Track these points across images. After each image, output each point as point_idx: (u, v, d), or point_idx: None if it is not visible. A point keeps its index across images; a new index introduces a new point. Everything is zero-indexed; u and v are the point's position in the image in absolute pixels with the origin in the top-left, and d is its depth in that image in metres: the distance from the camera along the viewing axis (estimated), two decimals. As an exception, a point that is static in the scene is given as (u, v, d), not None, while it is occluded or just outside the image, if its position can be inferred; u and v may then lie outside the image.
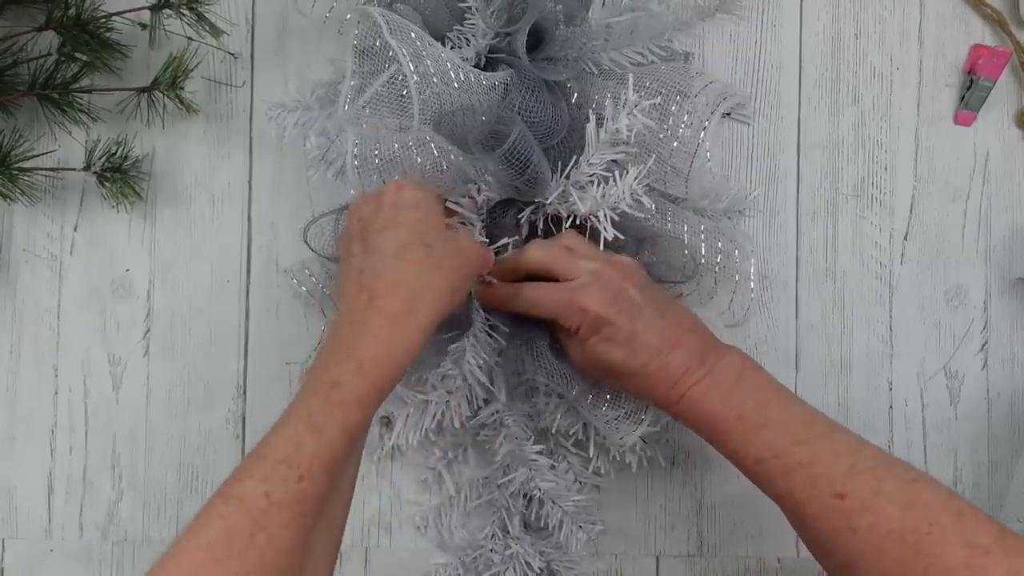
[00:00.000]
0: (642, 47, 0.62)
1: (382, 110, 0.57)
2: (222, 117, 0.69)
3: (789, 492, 0.49)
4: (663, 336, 0.53)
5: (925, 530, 0.45)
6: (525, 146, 0.54)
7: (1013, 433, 0.69)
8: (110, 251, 0.69)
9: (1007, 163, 0.70)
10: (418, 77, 0.55)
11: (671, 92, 0.59)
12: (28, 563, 0.68)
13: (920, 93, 0.70)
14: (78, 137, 0.68)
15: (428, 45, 0.56)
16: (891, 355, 0.69)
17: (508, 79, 0.59)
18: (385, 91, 0.56)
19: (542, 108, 0.58)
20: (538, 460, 0.62)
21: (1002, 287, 0.70)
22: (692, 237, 0.62)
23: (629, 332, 0.53)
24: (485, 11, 0.59)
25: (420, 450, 0.67)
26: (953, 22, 0.70)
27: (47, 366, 0.69)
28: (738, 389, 0.53)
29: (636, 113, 0.55)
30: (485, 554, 0.65)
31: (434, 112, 0.56)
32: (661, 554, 0.69)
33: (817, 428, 0.51)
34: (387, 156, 0.57)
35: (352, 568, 0.68)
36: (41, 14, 0.64)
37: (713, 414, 0.52)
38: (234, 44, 0.68)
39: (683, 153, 0.60)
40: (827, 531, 0.48)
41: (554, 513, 0.63)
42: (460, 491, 0.67)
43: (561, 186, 0.57)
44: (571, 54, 0.61)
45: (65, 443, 0.68)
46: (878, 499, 0.47)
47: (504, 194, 0.58)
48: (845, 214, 0.69)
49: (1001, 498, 0.69)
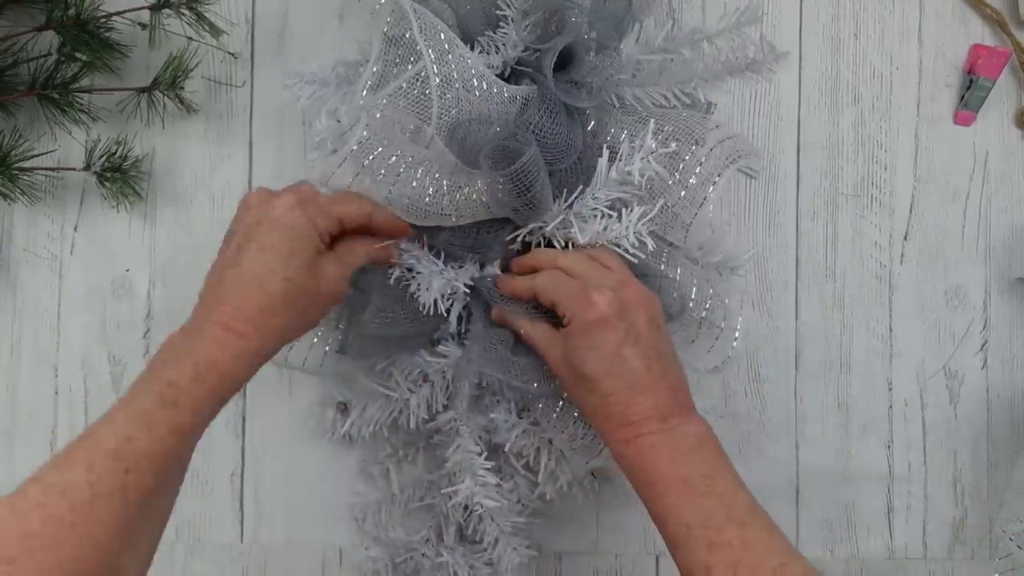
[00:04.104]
0: (667, 89, 0.61)
1: (400, 105, 0.56)
2: (222, 117, 0.69)
3: (706, 568, 0.47)
4: (644, 374, 0.52)
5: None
6: (534, 167, 0.54)
7: (1013, 433, 0.69)
8: (110, 251, 0.69)
9: (1007, 163, 0.70)
10: (440, 79, 0.55)
11: (687, 141, 0.59)
12: (28, 563, 0.68)
13: (920, 93, 0.70)
14: (78, 137, 0.68)
15: (455, 47, 0.56)
16: (891, 355, 0.69)
17: (529, 95, 0.58)
18: (407, 88, 0.55)
19: (557, 130, 0.57)
20: (486, 476, 0.60)
21: (1002, 287, 0.70)
22: (684, 280, 0.61)
23: (617, 350, 0.52)
24: (520, 23, 0.58)
25: (371, 442, 0.67)
26: (953, 22, 0.70)
27: (47, 366, 0.69)
28: (692, 455, 0.51)
29: (651, 160, 0.55)
30: (416, 557, 0.65)
31: (452, 117, 0.56)
32: (661, 554, 0.69)
33: (759, 519, 0.49)
34: (382, 157, 0.56)
35: (352, 568, 0.68)
36: (41, 14, 0.64)
37: (657, 468, 0.50)
38: (234, 44, 0.68)
39: (689, 203, 0.59)
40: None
41: (491, 530, 0.63)
42: (403, 490, 0.67)
43: (562, 214, 0.57)
44: (596, 82, 0.60)
45: (65, 443, 0.68)
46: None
47: (500, 213, 0.58)
48: (845, 214, 0.69)
49: (1001, 498, 0.69)
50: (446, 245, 0.59)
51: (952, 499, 0.70)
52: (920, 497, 0.70)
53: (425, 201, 0.56)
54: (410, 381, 0.62)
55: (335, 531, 0.68)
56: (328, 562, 0.68)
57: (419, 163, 0.55)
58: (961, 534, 0.70)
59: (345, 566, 0.68)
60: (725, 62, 0.62)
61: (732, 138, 0.61)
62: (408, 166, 0.55)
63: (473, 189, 0.56)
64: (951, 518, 0.70)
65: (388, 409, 0.63)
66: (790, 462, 0.69)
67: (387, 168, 0.55)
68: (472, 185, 0.56)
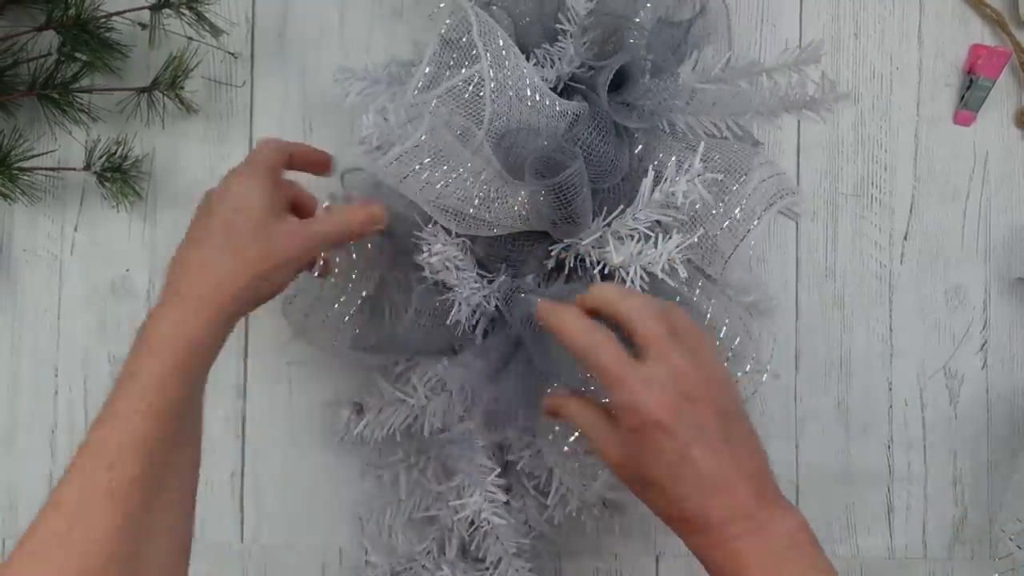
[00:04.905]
0: (720, 120, 0.60)
1: (451, 106, 0.56)
2: (222, 117, 0.69)
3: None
4: (716, 472, 0.46)
5: None
6: (577, 181, 0.53)
7: (1013, 433, 0.69)
8: (110, 251, 0.69)
9: (1007, 163, 0.70)
10: (495, 84, 0.55)
11: (735, 172, 0.58)
12: (28, 563, 0.68)
13: (920, 93, 0.70)
14: (78, 137, 0.68)
15: (512, 56, 0.56)
16: (891, 355, 0.69)
17: (580, 111, 0.57)
18: (459, 89, 0.55)
19: (605, 148, 0.57)
20: (496, 493, 0.60)
21: (1002, 287, 0.70)
22: (717, 313, 0.59)
23: (681, 453, 0.45)
24: (579, 39, 0.58)
25: (384, 445, 0.66)
26: (953, 22, 0.70)
27: (47, 366, 0.69)
28: (785, 559, 0.46)
29: (697, 183, 0.53)
30: (416, 568, 0.64)
31: (502, 124, 0.56)
32: (661, 554, 0.69)
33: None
34: (433, 163, 0.55)
35: (352, 568, 0.68)
36: (41, 14, 0.64)
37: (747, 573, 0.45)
38: (234, 44, 0.68)
39: (730, 235, 0.59)
40: None
41: (496, 549, 0.61)
42: (411, 497, 0.65)
43: (599, 231, 0.56)
44: (649, 105, 0.59)
45: (65, 443, 0.68)
46: None
47: (538, 226, 0.57)
48: (845, 214, 0.69)
49: (1000, 498, 0.69)
50: (481, 255, 0.59)
51: (952, 499, 0.70)
52: (920, 497, 0.70)
53: (470, 212, 0.56)
54: (428, 388, 0.61)
55: (335, 531, 0.68)
56: (328, 562, 0.68)
57: (467, 171, 0.55)
58: (961, 534, 0.70)
59: (345, 566, 0.68)
60: (783, 97, 0.58)
61: (778, 175, 0.60)
62: (458, 175, 0.55)
63: (515, 200, 0.56)
64: (951, 518, 0.70)
65: (404, 414, 0.62)
66: (790, 462, 0.69)
67: (437, 175, 0.55)
68: (515, 196, 0.56)
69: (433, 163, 0.55)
